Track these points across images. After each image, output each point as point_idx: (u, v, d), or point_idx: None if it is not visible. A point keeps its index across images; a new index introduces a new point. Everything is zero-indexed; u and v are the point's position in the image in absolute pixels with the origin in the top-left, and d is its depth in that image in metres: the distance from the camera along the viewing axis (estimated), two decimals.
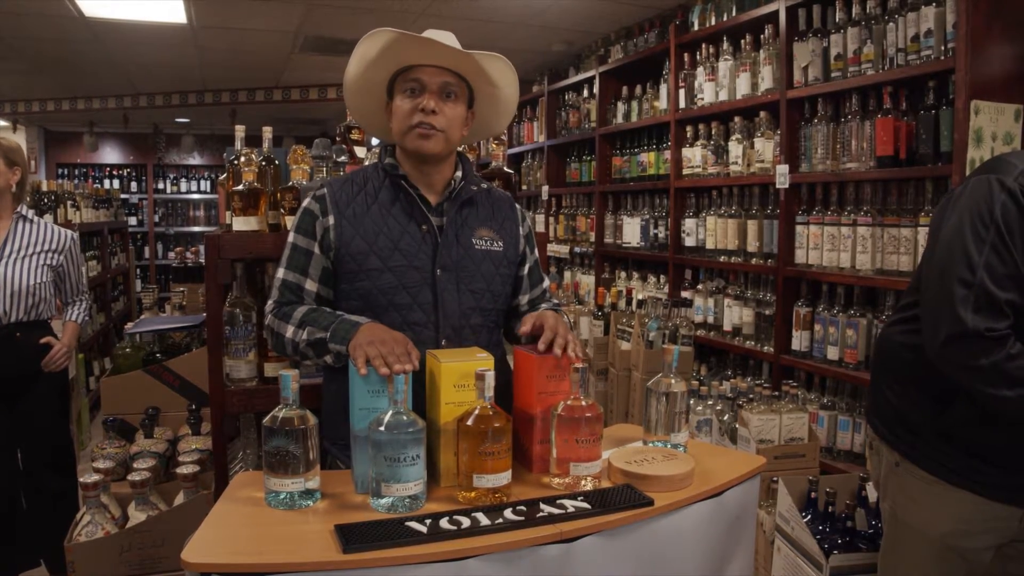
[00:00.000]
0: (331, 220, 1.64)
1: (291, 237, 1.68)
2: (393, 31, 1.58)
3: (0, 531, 2.78)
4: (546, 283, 1.88)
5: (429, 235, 1.64)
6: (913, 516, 1.67)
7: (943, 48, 2.52)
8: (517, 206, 1.84)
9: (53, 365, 2.83)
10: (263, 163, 2.26)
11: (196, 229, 9.92)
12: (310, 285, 1.66)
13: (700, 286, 3.84)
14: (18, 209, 2.85)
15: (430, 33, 1.62)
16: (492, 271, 1.70)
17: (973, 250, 1.48)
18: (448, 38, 1.62)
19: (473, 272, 1.67)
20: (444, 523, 1.25)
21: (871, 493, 2.16)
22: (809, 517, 2.18)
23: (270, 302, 1.69)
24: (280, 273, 1.68)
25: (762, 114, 3.42)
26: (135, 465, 2.47)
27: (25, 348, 2.77)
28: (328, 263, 1.65)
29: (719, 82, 3.65)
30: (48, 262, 2.82)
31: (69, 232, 2.97)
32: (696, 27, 3.88)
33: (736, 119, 3.57)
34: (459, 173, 1.72)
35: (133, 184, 9.80)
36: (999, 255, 1.46)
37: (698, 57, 3.81)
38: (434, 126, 1.60)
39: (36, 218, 2.90)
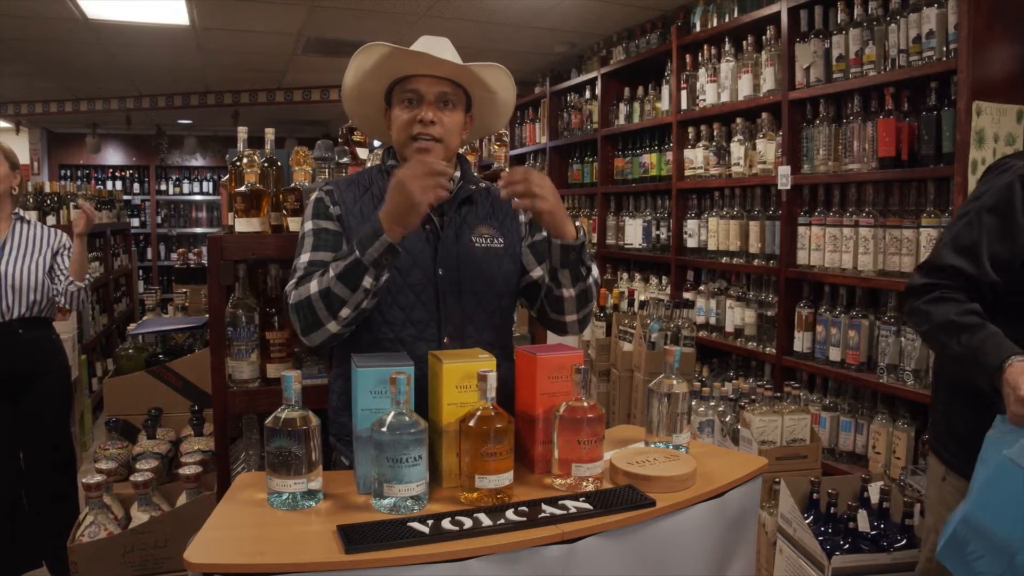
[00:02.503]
0: (339, 211, 1.66)
1: (310, 225, 1.66)
2: (387, 45, 1.59)
3: (1, 532, 2.79)
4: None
5: (431, 234, 1.66)
6: None
7: (945, 49, 2.52)
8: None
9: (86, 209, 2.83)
10: (265, 164, 2.26)
11: (198, 230, 9.94)
12: None
13: (702, 287, 3.84)
14: (15, 211, 2.90)
15: (425, 41, 1.63)
16: (494, 269, 1.70)
17: (953, 223, 1.62)
18: (443, 45, 1.63)
19: (474, 271, 1.67)
20: (446, 524, 1.25)
21: (873, 494, 2.16)
22: (811, 518, 2.18)
23: (292, 281, 1.60)
24: (305, 257, 1.61)
25: (764, 115, 3.42)
26: (138, 466, 2.48)
27: (27, 346, 2.79)
28: None
29: (721, 83, 3.65)
30: (47, 258, 2.85)
31: (62, 232, 3.03)
32: (698, 28, 3.88)
33: (738, 120, 3.57)
34: (457, 173, 1.74)
35: (136, 185, 9.81)
36: (970, 227, 1.56)
37: (700, 58, 3.81)
38: (432, 136, 1.61)
39: (31, 219, 2.97)
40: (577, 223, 1.64)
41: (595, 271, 1.71)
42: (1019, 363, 1.42)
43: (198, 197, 10.01)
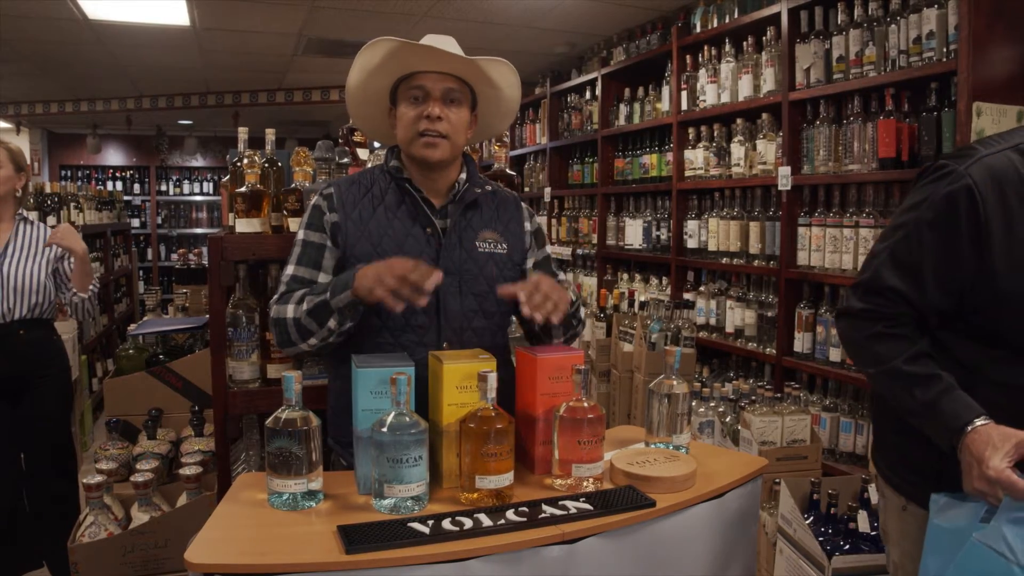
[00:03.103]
0: (337, 217, 1.65)
1: (301, 234, 1.68)
2: (394, 40, 1.58)
3: (2, 532, 2.79)
4: (559, 276, 1.84)
5: (433, 238, 1.65)
6: None
7: (945, 50, 2.52)
8: (523, 205, 1.83)
9: (56, 238, 2.75)
10: (266, 165, 2.26)
11: (199, 231, 9.95)
12: (323, 278, 1.65)
13: (702, 288, 3.84)
14: (19, 212, 2.89)
15: (430, 39, 1.62)
16: (495, 274, 1.70)
17: (890, 234, 1.43)
18: (448, 43, 1.63)
19: (476, 275, 1.67)
20: (446, 524, 1.25)
21: (873, 495, 2.16)
22: (811, 519, 2.18)
23: (275, 296, 1.67)
24: (289, 269, 1.67)
25: (764, 116, 3.42)
26: (138, 466, 2.49)
27: (29, 347, 2.78)
28: (339, 256, 1.65)
29: (721, 84, 3.65)
30: (49, 260, 2.84)
31: None
32: (698, 29, 3.88)
33: (738, 121, 3.57)
34: (463, 175, 1.72)
35: (136, 186, 9.82)
36: (908, 243, 1.39)
37: (700, 59, 3.81)
38: (440, 133, 1.60)
39: (35, 220, 2.95)
40: (571, 291, 1.69)
41: (581, 312, 1.77)
42: (982, 428, 1.27)
43: (198, 198, 10.02)
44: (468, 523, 1.26)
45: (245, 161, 2.16)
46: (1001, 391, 1.35)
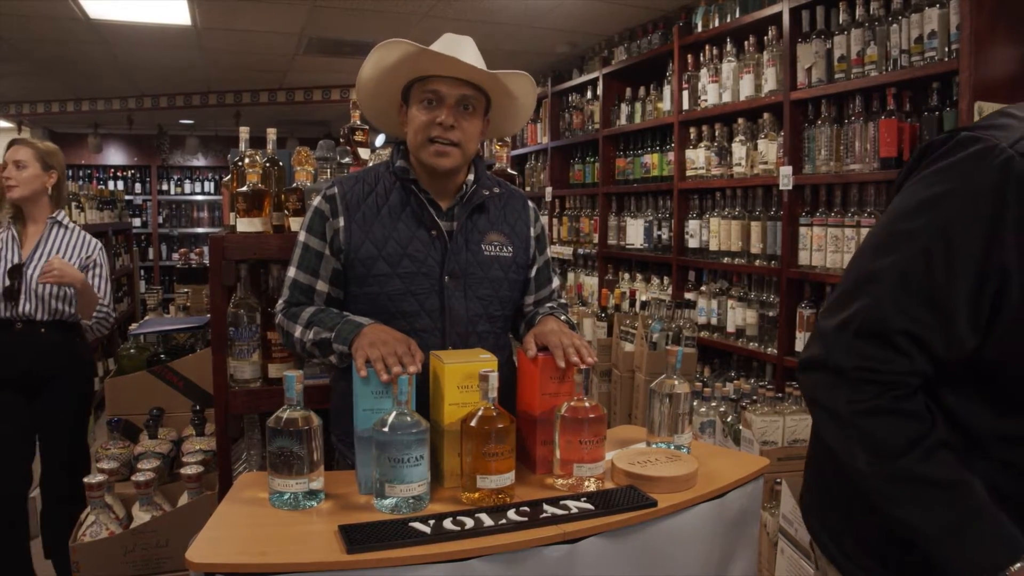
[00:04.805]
0: (341, 222, 1.63)
1: (302, 236, 1.67)
2: (413, 45, 1.55)
3: (8, 530, 2.78)
4: (554, 283, 1.85)
5: (438, 240, 1.63)
6: None
7: (947, 49, 2.51)
8: (531, 205, 1.82)
9: (51, 277, 2.61)
10: (267, 164, 2.26)
11: (200, 230, 9.94)
12: (321, 286, 1.66)
13: (703, 288, 3.84)
14: (53, 214, 2.83)
15: (448, 40, 1.60)
16: (501, 277, 1.69)
17: (892, 245, 0.97)
18: (467, 45, 1.60)
19: (481, 278, 1.66)
20: (448, 524, 1.25)
21: None
22: None
23: (281, 301, 1.69)
24: (291, 272, 1.67)
25: (766, 115, 3.42)
26: (139, 466, 2.49)
27: (49, 347, 2.74)
28: (338, 265, 1.65)
29: (722, 83, 3.65)
30: (82, 266, 2.80)
31: (97, 242, 2.92)
32: (699, 29, 3.88)
33: (740, 121, 3.57)
34: (471, 176, 1.70)
35: (137, 185, 9.82)
36: (926, 257, 0.93)
37: (701, 59, 3.81)
38: (451, 141, 1.58)
39: (71, 224, 2.88)
40: (563, 317, 1.73)
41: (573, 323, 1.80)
42: None
43: (200, 197, 10.01)
44: (469, 523, 1.26)
45: (246, 160, 2.16)
46: (1006, 474, 0.99)
